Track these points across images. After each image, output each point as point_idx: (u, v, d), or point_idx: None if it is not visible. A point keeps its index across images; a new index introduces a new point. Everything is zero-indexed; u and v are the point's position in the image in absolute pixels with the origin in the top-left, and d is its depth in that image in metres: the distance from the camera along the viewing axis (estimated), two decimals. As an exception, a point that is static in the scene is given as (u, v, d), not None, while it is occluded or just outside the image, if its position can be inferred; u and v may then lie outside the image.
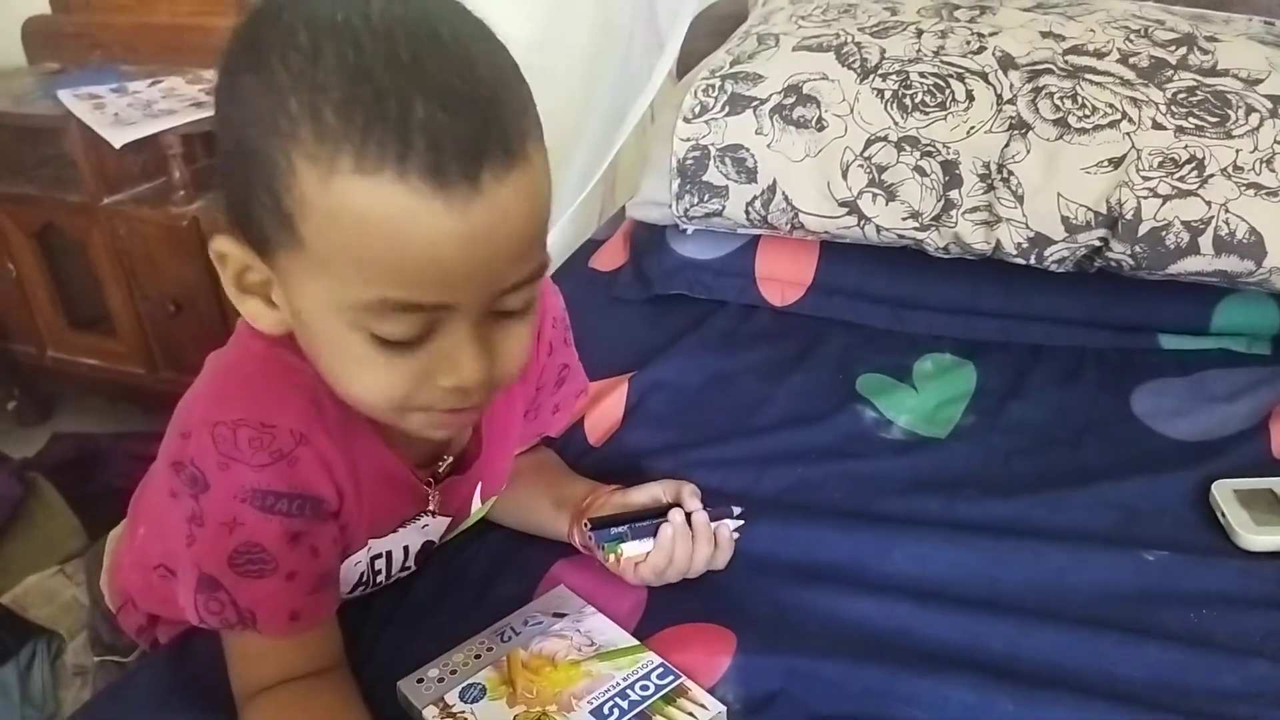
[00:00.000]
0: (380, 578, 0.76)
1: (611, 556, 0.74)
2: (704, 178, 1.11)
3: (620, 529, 0.74)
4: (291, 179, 0.50)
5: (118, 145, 1.55)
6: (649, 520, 0.75)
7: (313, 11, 0.51)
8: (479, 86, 0.50)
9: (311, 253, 0.52)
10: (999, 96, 1.04)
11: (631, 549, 0.74)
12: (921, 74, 1.07)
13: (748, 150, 1.09)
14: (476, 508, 0.80)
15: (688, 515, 0.75)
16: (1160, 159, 0.96)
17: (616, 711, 0.65)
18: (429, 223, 0.49)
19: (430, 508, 0.73)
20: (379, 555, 0.74)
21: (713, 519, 0.76)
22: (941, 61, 1.08)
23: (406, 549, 0.76)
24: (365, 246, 0.51)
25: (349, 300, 0.53)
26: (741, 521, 0.78)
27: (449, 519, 0.77)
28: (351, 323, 0.54)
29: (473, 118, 0.49)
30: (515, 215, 0.52)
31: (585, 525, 0.75)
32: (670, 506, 0.76)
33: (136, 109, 1.63)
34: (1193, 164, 0.96)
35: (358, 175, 0.49)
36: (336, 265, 0.52)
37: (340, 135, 0.48)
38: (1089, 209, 0.97)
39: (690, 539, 0.74)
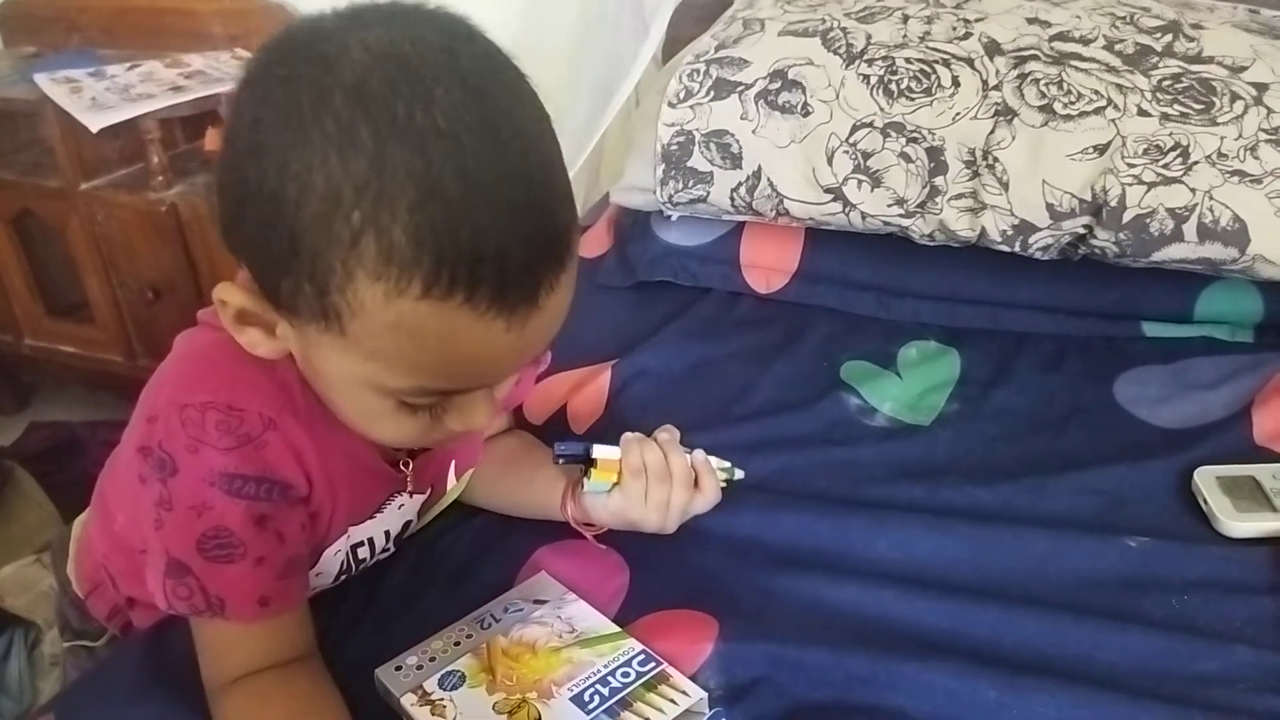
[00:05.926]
0: (362, 564, 0.75)
1: (587, 484, 0.75)
2: (689, 163, 1.10)
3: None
4: (348, 284, 0.49)
5: (95, 129, 1.52)
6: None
7: (362, 83, 0.47)
8: (538, 194, 0.50)
9: (354, 343, 0.51)
10: (985, 83, 1.03)
11: (602, 451, 0.75)
12: (907, 60, 1.07)
13: (732, 136, 1.08)
14: (452, 484, 0.80)
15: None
16: (1145, 146, 0.96)
17: (597, 698, 0.65)
18: (487, 339, 0.50)
19: (408, 488, 0.72)
20: (360, 543, 0.73)
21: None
22: (927, 47, 1.08)
23: (387, 533, 0.76)
24: (418, 353, 0.51)
25: (385, 384, 0.54)
26: (740, 474, 0.79)
27: (424, 495, 0.76)
28: (380, 392, 0.55)
29: (536, 241, 0.50)
30: (560, 310, 0.54)
31: (556, 456, 0.76)
32: None
33: (114, 93, 1.60)
34: (1177, 151, 0.96)
35: (425, 300, 0.48)
36: (381, 359, 0.52)
37: (411, 262, 0.47)
38: (1074, 196, 0.97)
39: (657, 448, 0.74)
